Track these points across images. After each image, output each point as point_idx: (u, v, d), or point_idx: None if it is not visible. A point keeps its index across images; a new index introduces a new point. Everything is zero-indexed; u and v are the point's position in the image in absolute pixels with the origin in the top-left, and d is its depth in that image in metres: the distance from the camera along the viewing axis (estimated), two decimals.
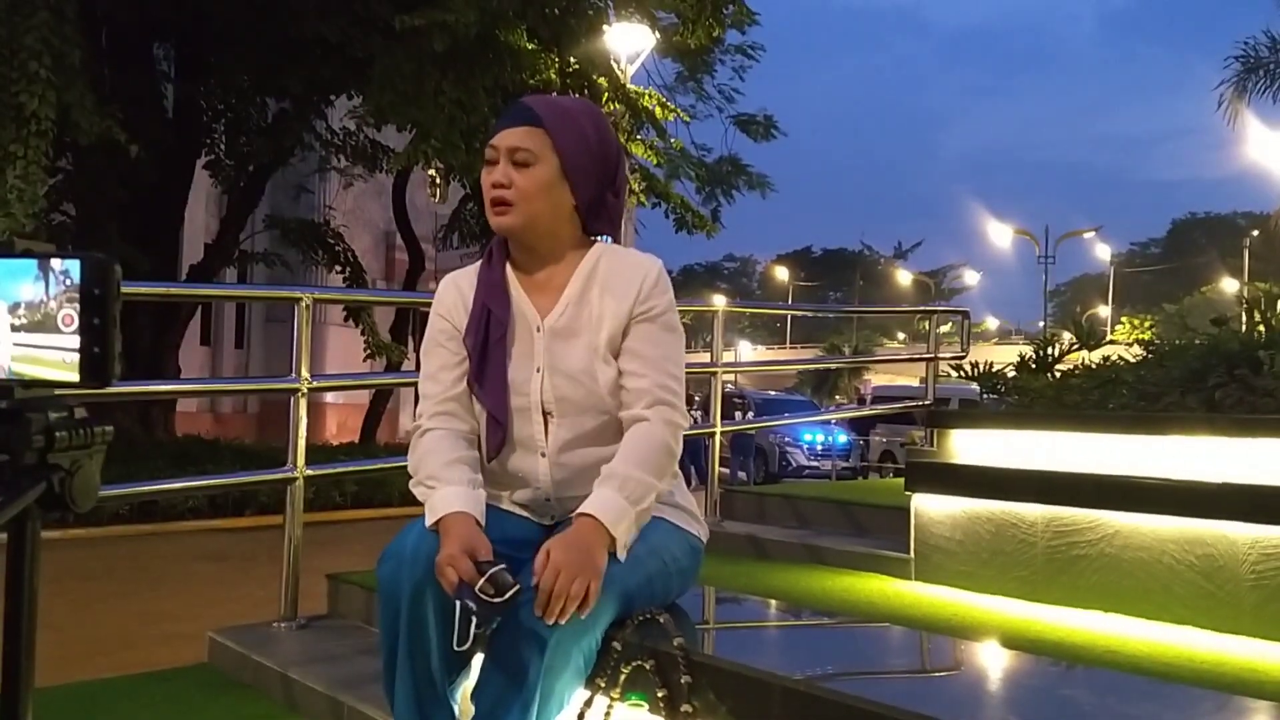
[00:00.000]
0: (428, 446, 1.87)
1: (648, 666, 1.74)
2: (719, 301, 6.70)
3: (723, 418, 5.42)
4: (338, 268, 16.09)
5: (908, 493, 3.50)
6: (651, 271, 1.89)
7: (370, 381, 9.65)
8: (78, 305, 1.10)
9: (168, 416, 13.44)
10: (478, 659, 1.72)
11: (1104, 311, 43.66)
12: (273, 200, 19.48)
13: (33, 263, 1.11)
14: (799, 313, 38.33)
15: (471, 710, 1.68)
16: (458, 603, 1.62)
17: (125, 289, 1.14)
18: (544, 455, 1.88)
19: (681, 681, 1.70)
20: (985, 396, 5.47)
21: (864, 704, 1.53)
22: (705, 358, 5.40)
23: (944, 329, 8.29)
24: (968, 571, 3.27)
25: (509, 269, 1.94)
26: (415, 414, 1.98)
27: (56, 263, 1.11)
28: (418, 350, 2.51)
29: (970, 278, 62.92)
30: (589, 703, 1.73)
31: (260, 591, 4.97)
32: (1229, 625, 2.65)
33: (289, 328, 3.53)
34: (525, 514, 1.94)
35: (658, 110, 13.12)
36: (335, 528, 8.38)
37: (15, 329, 1.12)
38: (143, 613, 5.48)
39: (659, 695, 1.72)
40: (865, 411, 15.64)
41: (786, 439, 18.13)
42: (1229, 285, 37.42)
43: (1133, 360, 4.23)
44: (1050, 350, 5.01)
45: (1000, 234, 44.13)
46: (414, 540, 1.74)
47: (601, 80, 11.79)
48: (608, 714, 1.72)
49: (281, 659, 3.01)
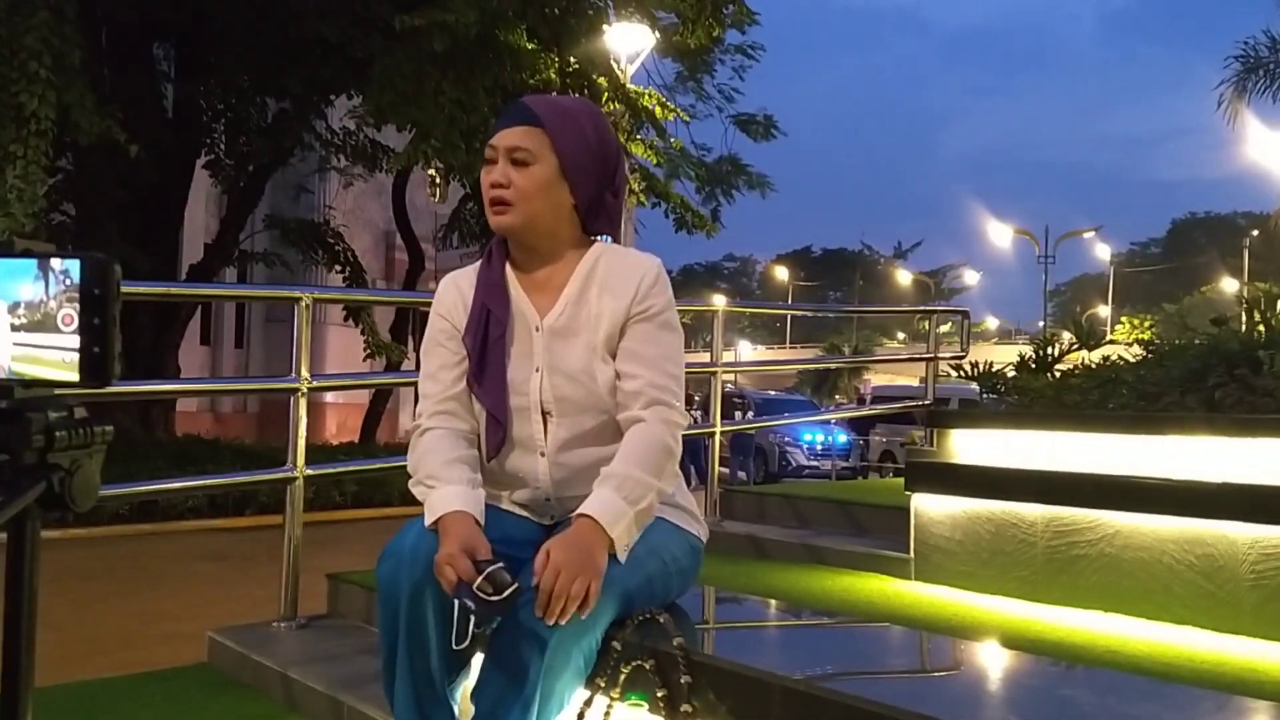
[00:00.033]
0: (427, 446, 1.87)
1: (648, 666, 1.74)
2: (719, 301, 6.69)
3: (723, 418, 5.42)
4: (337, 268, 16.10)
5: (908, 492, 3.50)
6: (650, 271, 1.89)
7: (370, 381, 9.66)
8: (78, 305, 1.10)
9: (168, 416, 13.45)
10: (477, 659, 1.73)
11: (1104, 311, 43.68)
12: (273, 200, 19.49)
13: (33, 262, 1.11)
14: (799, 313, 38.35)
15: (471, 710, 1.68)
16: (456, 602, 1.62)
17: (125, 289, 1.14)
18: (543, 455, 1.88)
19: (681, 681, 1.70)
20: (985, 396, 5.47)
21: (864, 704, 1.53)
22: (705, 358, 5.40)
23: (944, 329, 8.29)
24: (968, 571, 3.27)
25: (509, 269, 1.94)
26: (415, 413, 1.98)
27: (56, 262, 1.11)
28: (418, 350, 2.51)
29: (970, 278, 63.07)
30: (589, 703, 1.73)
31: (260, 591, 4.97)
32: (1229, 625, 2.65)
33: (289, 328, 3.53)
34: (525, 514, 1.94)
35: (658, 110, 13.11)
36: (335, 527, 8.38)
37: (15, 329, 1.12)
38: (142, 612, 5.48)
39: (659, 695, 1.72)
40: (865, 411, 15.64)
41: (786, 439, 18.14)
42: (1229, 285, 37.42)
43: (1132, 360, 4.23)
44: (1050, 350, 5.01)
45: (1000, 234, 44.20)
46: (413, 540, 1.74)
47: (601, 80, 11.78)
48: (607, 714, 1.72)
49: (281, 659, 3.01)
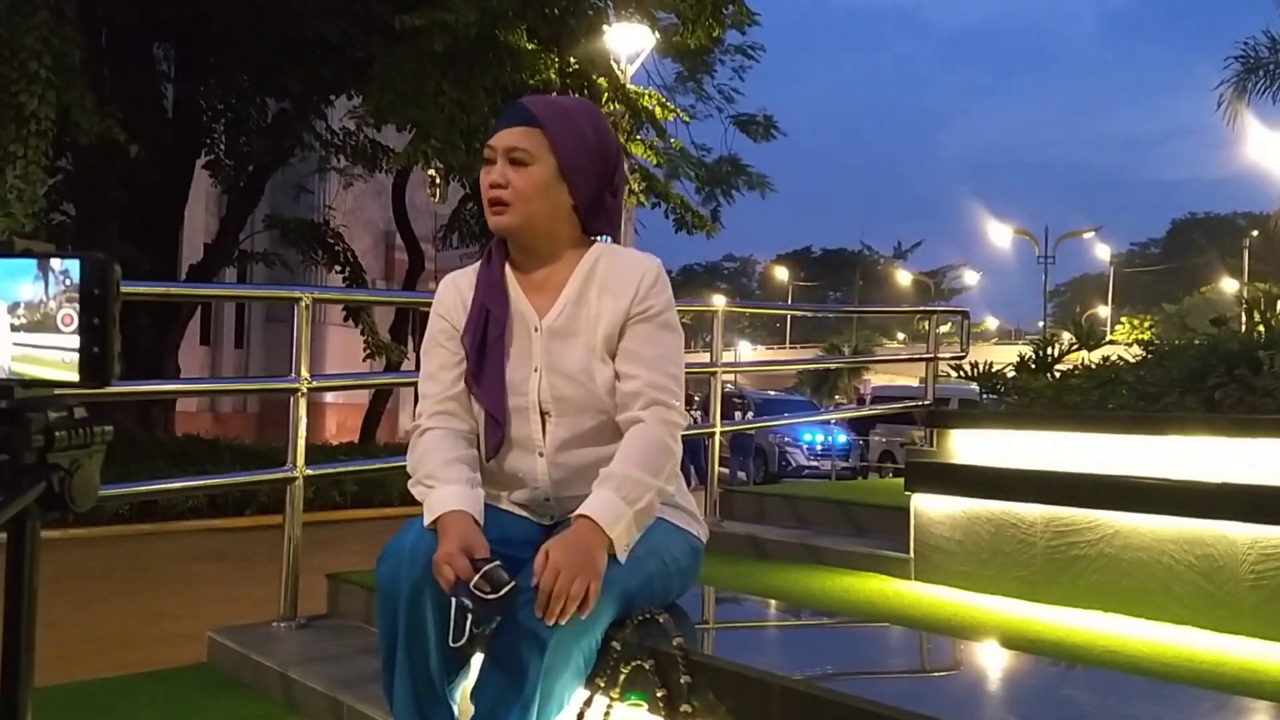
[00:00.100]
0: (427, 446, 1.87)
1: (647, 666, 1.74)
2: (719, 301, 6.69)
3: (722, 418, 5.42)
4: (337, 268, 16.09)
5: (907, 493, 3.50)
6: (650, 271, 1.89)
7: (370, 381, 9.66)
8: (77, 305, 1.10)
9: (167, 416, 13.45)
10: (477, 659, 1.72)
11: (1104, 312, 43.68)
12: (272, 200, 19.49)
13: (32, 262, 1.11)
14: (799, 313, 38.33)
15: (471, 710, 1.68)
16: (453, 600, 1.62)
17: (125, 289, 1.14)
18: (542, 455, 1.88)
19: (681, 681, 1.70)
20: (985, 396, 5.47)
21: (863, 704, 1.53)
22: (705, 358, 5.40)
23: (944, 329, 8.29)
24: (967, 571, 3.27)
25: (508, 269, 1.94)
26: (415, 414, 1.98)
27: (56, 262, 1.11)
28: (417, 350, 2.52)
29: (970, 278, 63.09)
30: (589, 703, 1.73)
31: (260, 591, 4.97)
32: (1228, 625, 2.65)
33: (289, 328, 3.53)
34: (524, 514, 1.93)
35: (657, 110, 13.11)
36: (335, 527, 8.37)
37: (15, 329, 1.12)
38: (142, 612, 5.48)
39: (659, 695, 1.72)
40: (865, 411, 15.66)
41: (786, 439, 18.14)
42: (1229, 285, 37.41)
43: (1132, 360, 4.22)
44: (1050, 350, 5.01)
45: (1000, 234, 44.20)
46: (412, 539, 1.74)
47: (601, 80, 11.78)
48: (607, 714, 1.72)
49: (281, 659, 3.01)
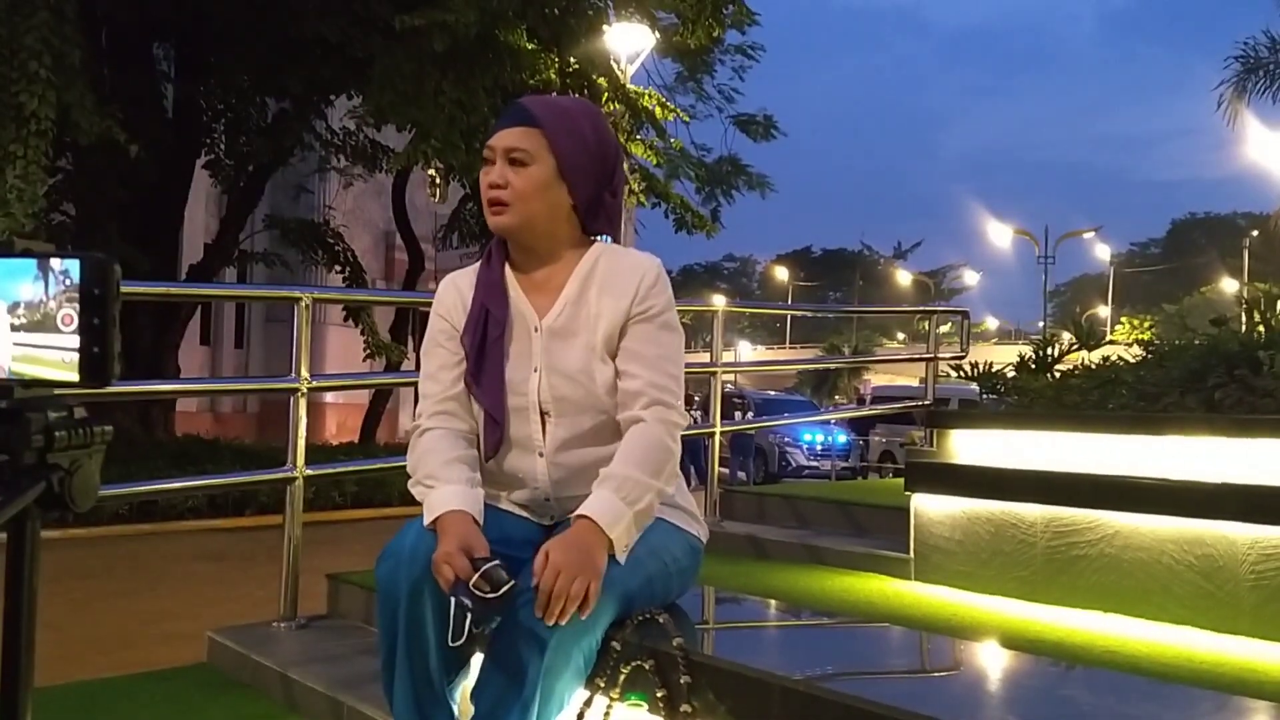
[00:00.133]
0: (426, 446, 1.87)
1: (647, 666, 1.74)
2: (719, 301, 6.69)
3: (722, 418, 5.42)
4: (337, 268, 16.10)
5: (907, 493, 3.50)
6: (650, 271, 1.89)
7: (370, 381, 9.66)
8: (77, 305, 1.10)
9: (167, 416, 13.45)
10: (477, 659, 1.73)
11: (1104, 312, 43.67)
12: (272, 200, 19.49)
13: (32, 262, 1.11)
14: (799, 313, 38.31)
15: (471, 710, 1.68)
16: (453, 600, 1.62)
17: (125, 289, 1.14)
18: (541, 455, 1.88)
19: (681, 681, 1.70)
20: (985, 396, 5.47)
21: (863, 704, 1.53)
22: (705, 358, 5.40)
23: (944, 329, 8.29)
24: (967, 572, 3.27)
25: (508, 269, 1.94)
26: (415, 414, 1.98)
27: (56, 262, 1.11)
28: (417, 350, 2.52)
29: (970, 278, 63.09)
30: (588, 703, 1.73)
31: (260, 591, 4.97)
32: (1228, 625, 2.65)
33: (289, 328, 3.53)
34: (524, 514, 1.94)
35: (657, 110, 13.10)
36: (335, 528, 8.37)
37: (15, 329, 1.12)
38: (142, 612, 5.48)
39: (658, 695, 1.72)
40: (865, 411, 15.65)
41: (786, 439, 18.14)
42: (1229, 285, 37.41)
43: (1132, 360, 4.22)
44: (1050, 350, 5.01)
45: (1000, 234, 44.20)
46: (412, 539, 1.74)
47: (601, 80, 11.78)
48: (607, 714, 1.72)
49: (281, 659, 3.01)
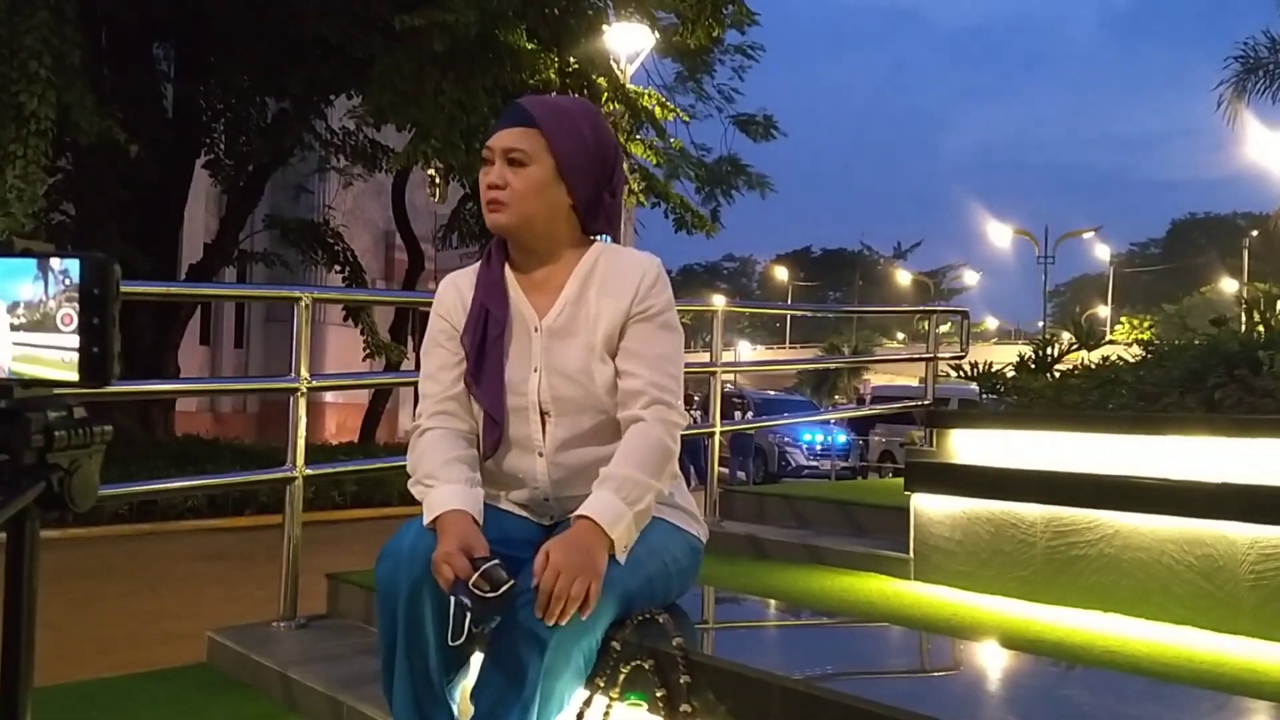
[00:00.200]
0: (426, 445, 1.87)
1: (647, 666, 1.74)
2: (719, 301, 6.69)
3: (722, 418, 5.42)
4: (337, 267, 16.10)
5: (907, 493, 3.50)
6: (650, 271, 1.89)
7: (370, 381, 9.67)
8: (77, 305, 1.10)
9: (167, 416, 13.45)
10: (477, 659, 1.72)
11: (1103, 312, 43.68)
12: (272, 200, 19.48)
13: (32, 262, 1.11)
14: (799, 313, 38.34)
15: (471, 710, 1.68)
16: (452, 599, 1.62)
17: (125, 289, 1.14)
18: (541, 455, 1.88)
19: (681, 681, 1.70)
20: (985, 396, 5.46)
21: (863, 704, 1.53)
22: (705, 358, 5.40)
23: (943, 329, 8.30)
24: (967, 571, 3.27)
25: (508, 269, 1.94)
26: (415, 414, 1.98)
27: (56, 262, 1.11)
28: (417, 350, 2.51)
29: (970, 278, 63.13)
30: (588, 703, 1.73)
31: (260, 591, 4.97)
32: (1228, 625, 2.65)
33: (289, 327, 3.53)
34: (524, 514, 1.94)
35: (657, 110, 13.10)
36: (335, 527, 8.38)
37: (15, 328, 1.12)
38: (142, 612, 5.48)
39: (658, 695, 1.72)
40: (865, 411, 15.67)
41: (786, 439, 18.14)
42: (1228, 285, 37.42)
43: (1132, 360, 4.22)
44: (1050, 350, 5.01)
45: (1000, 234, 44.22)
46: (412, 539, 1.75)
47: (601, 80, 11.78)
48: (607, 714, 1.72)
49: (281, 659, 3.01)
